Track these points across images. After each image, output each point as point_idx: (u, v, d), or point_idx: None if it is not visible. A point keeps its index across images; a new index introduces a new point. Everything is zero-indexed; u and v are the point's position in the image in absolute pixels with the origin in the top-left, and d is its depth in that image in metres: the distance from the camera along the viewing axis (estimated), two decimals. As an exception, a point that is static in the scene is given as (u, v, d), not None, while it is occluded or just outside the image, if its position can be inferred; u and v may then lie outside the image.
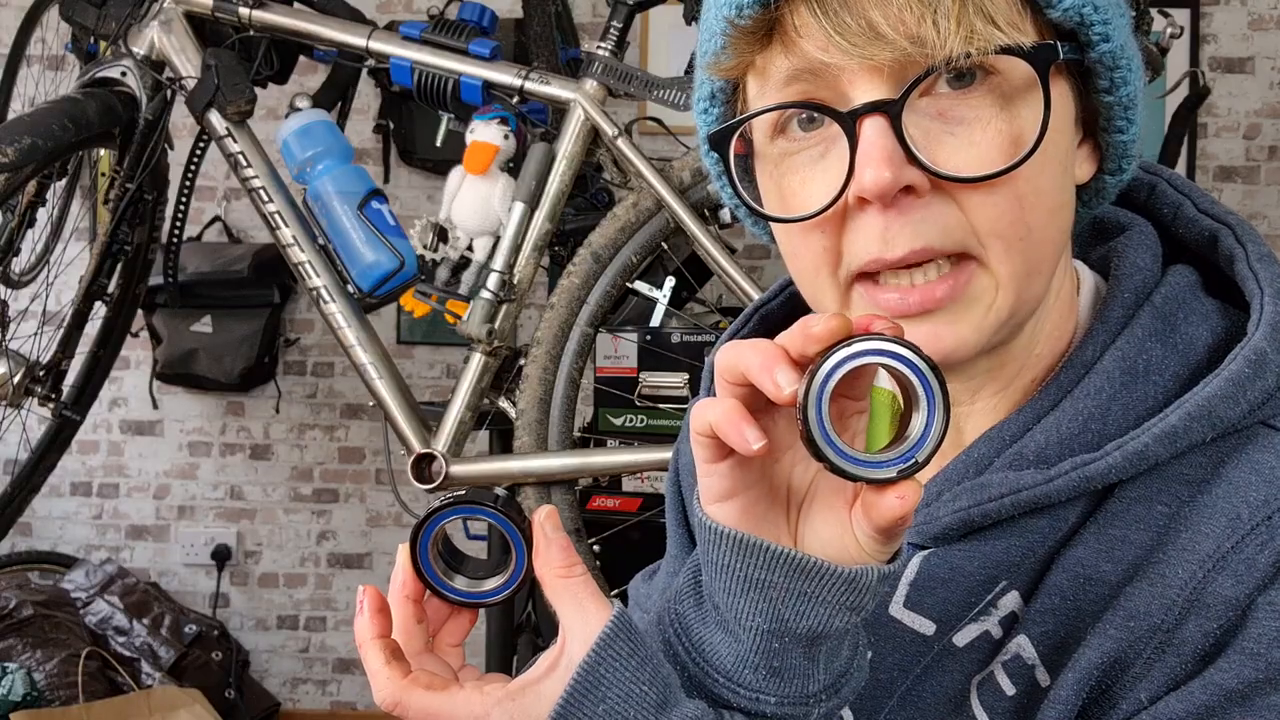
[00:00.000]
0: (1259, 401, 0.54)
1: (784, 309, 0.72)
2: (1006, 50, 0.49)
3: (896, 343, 0.45)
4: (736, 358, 0.47)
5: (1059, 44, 0.51)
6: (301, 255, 1.69)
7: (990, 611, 0.57)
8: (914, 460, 0.45)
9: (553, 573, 0.57)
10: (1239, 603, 0.50)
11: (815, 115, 0.53)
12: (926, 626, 0.58)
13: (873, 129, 0.50)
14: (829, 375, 0.45)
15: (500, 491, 0.63)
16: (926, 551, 0.58)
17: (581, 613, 0.56)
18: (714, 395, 0.50)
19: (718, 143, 0.58)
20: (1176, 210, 0.62)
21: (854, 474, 0.46)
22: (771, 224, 0.58)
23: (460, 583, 0.62)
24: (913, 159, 0.50)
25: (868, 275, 0.54)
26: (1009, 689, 0.55)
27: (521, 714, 0.54)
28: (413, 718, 0.56)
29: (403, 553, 0.61)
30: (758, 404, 0.47)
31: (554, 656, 0.57)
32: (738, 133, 0.57)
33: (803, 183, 0.55)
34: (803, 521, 0.51)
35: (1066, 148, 0.54)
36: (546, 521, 0.58)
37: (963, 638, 0.57)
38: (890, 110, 0.50)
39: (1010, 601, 0.56)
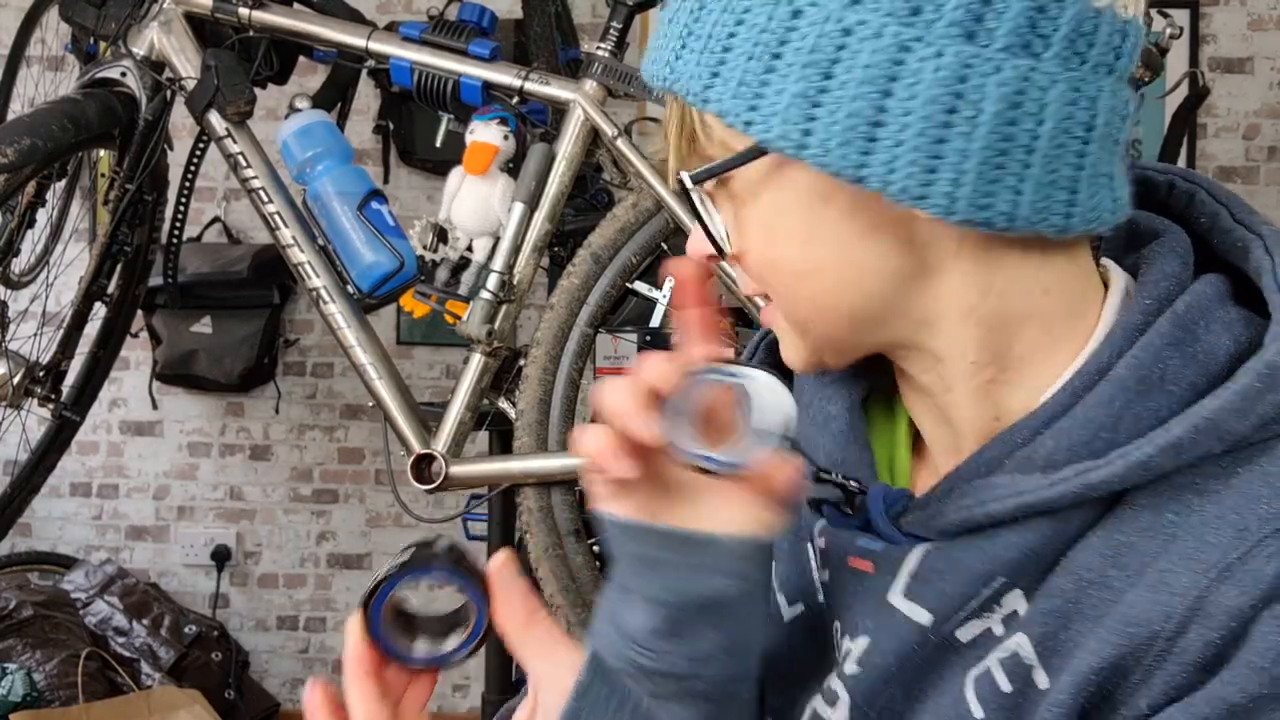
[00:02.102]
0: (1270, 415, 0.53)
1: None
2: (677, 178, 0.60)
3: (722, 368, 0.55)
4: (605, 405, 0.55)
5: (685, 174, 0.59)
6: (301, 256, 1.69)
7: (994, 609, 0.57)
8: (752, 455, 0.54)
9: (516, 623, 0.58)
10: (1242, 613, 0.50)
11: None
12: (923, 616, 0.58)
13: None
14: (678, 408, 0.54)
15: (445, 543, 0.61)
16: (929, 545, 0.59)
17: (551, 660, 0.57)
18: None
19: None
20: (1214, 220, 0.62)
21: (715, 470, 0.55)
22: None
23: (421, 647, 0.60)
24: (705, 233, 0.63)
25: None
26: (1005, 686, 0.55)
27: None
28: None
29: (353, 628, 0.59)
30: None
31: (529, 710, 0.57)
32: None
33: None
34: (697, 503, 0.57)
35: (803, 221, 0.58)
36: (503, 569, 0.59)
37: (966, 633, 0.57)
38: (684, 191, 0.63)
39: (1013, 600, 0.56)
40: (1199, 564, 0.51)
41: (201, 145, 1.86)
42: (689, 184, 0.60)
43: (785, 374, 0.64)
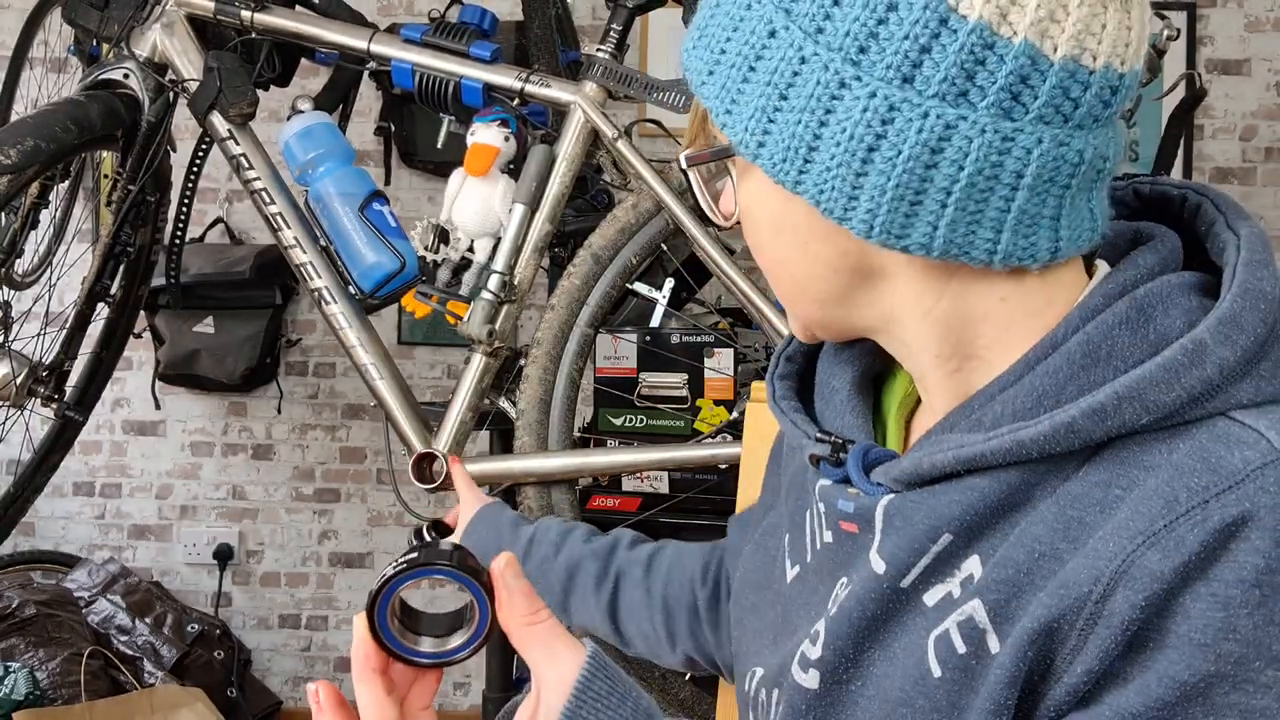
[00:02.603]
0: (1198, 391, 0.55)
1: None
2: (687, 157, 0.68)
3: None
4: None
5: (682, 155, 0.69)
6: (303, 256, 1.70)
7: (953, 573, 0.60)
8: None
9: (518, 622, 0.60)
10: (1165, 577, 0.52)
11: None
12: (880, 566, 0.62)
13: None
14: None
15: (450, 544, 0.63)
16: (889, 498, 0.63)
17: (553, 658, 0.59)
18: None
19: None
20: (1210, 226, 0.64)
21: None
22: None
23: (426, 644, 0.62)
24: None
25: None
26: (960, 647, 0.58)
27: None
28: None
29: (360, 626, 0.61)
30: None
31: (531, 707, 0.59)
32: None
33: None
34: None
35: (774, 214, 0.65)
36: (506, 571, 0.61)
37: (931, 597, 0.61)
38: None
39: (971, 565, 0.59)
40: (1128, 531, 0.53)
41: (204, 146, 1.86)
42: (683, 163, 0.68)
43: (808, 367, 0.77)
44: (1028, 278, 0.62)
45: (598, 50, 1.67)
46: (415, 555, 0.60)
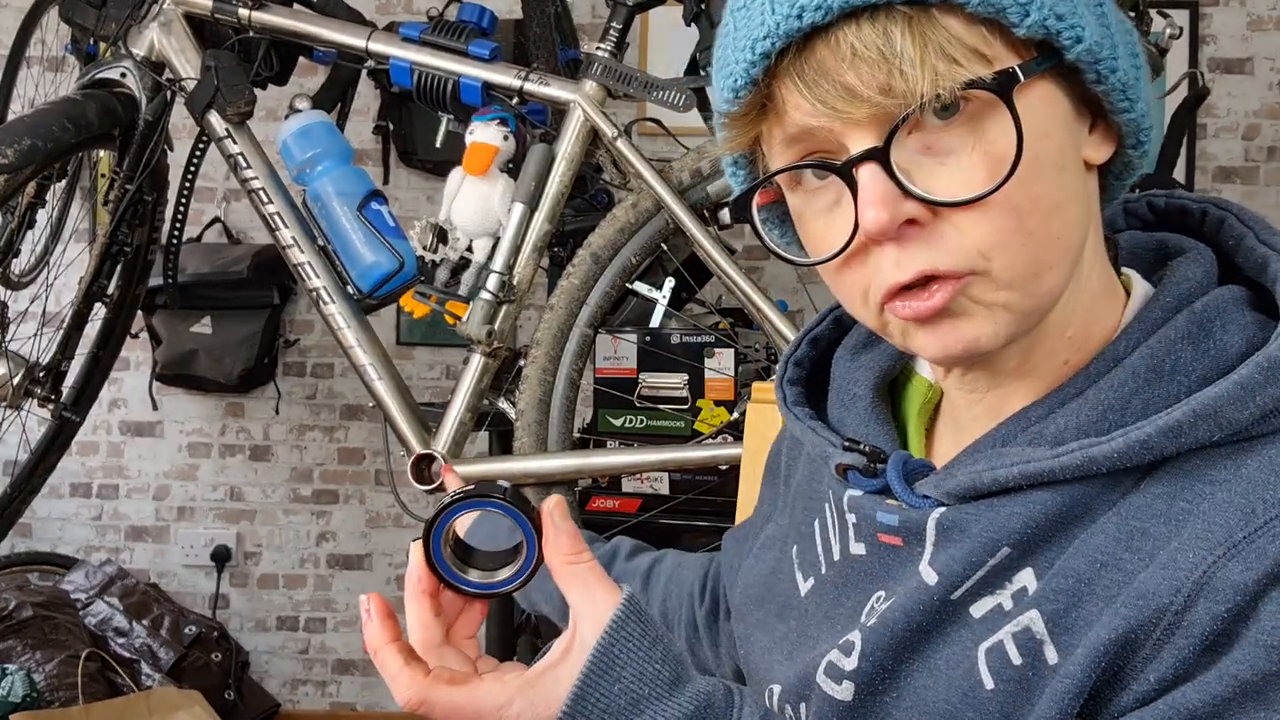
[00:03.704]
0: (1271, 407, 0.56)
1: (832, 333, 0.80)
2: (970, 85, 0.55)
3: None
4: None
5: (1022, 65, 0.56)
6: (301, 256, 1.69)
7: (1004, 585, 0.59)
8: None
9: (562, 559, 0.62)
10: (1248, 588, 0.52)
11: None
12: (931, 578, 0.61)
13: (867, 175, 0.56)
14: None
15: (505, 483, 0.65)
16: (941, 510, 0.62)
17: (590, 597, 0.61)
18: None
19: (744, 202, 0.65)
20: (1239, 241, 0.65)
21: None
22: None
23: (474, 575, 0.65)
24: (907, 194, 0.56)
25: (893, 297, 0.60)
26: (1015, 659, 0.58)
27: (542, 699, 0.59)
28: (439, 714, 0.60)
29: (416, 550, 0.64)
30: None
31: (567, 641, 0.61)
32: (759, 189, 0.65)
33: (825, 227, 0.61)
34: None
35: (1059, 146, 0.58)
36: (555, 510, 0.63)
37: (979, 609, 0.60)
38: (878, 156, 0.56)
39: (1024, 578, 0.59)
40: (1206, 543, 0.53)
41: (201, 146, 1.86)
42: (1021, 72, 0.55)
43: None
44: (1103, 252, 0.64)
45: (597, 49, 1.66)
46: (472, 488, 0.64)
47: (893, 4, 0.54)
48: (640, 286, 1.66)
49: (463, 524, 0.66)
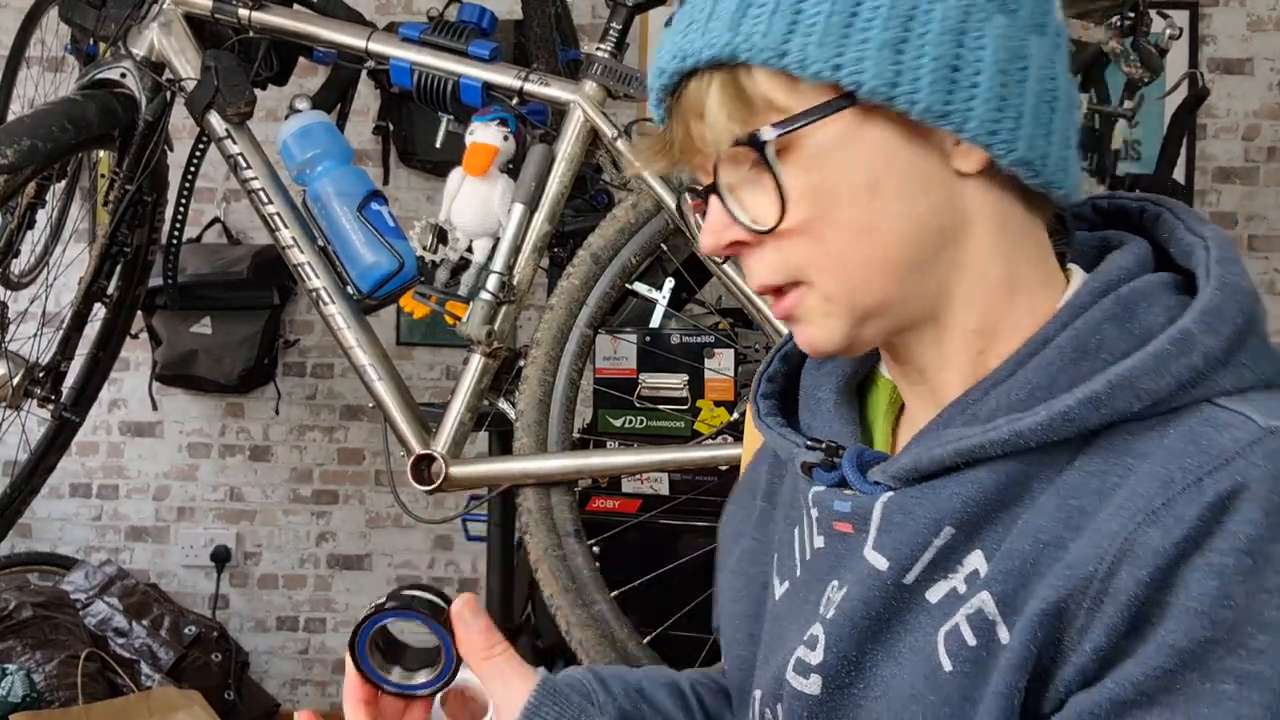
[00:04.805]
0: (1187, 378, 0.58)
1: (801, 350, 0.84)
2: (736, 143, 0.62)
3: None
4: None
5: (783, 121, 0.61)
6: (301, 257, 1.69)
7: (956, 569, 0.62)
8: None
9: (477, 657, 0.67)
10: (1166, 552, 0.54)
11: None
12: (882, 563, 0.63)
13: (711, 203, 0.66)
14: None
15: (422, 595, 0.70)
16: (888, 495, 0.64)
17: (508, 688, 0.66)
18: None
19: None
20: (1171, 232, 0.68)
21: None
22: None
23: (396, 674, 0.70)
24: (736, 220, 0.64)
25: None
26: (970, 640, 0.60)
27: None
28: None
29: (348, 658, 0.69)
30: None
31: None
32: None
33: None
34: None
35: (872, 175, 0.62)
36: (464, 610, 0.68)
37: (935, 594, 0.62)
38: (711, 191, 0.65)
39: (974, 560, 0.61)
40: (1127, 511, 0.56)
41: (201, 146, 1.86)
42: (770, 141, 0.62)
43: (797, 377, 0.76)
44: (1042, 244, 0.67)
45: (597, 49, 1.66)
46: (385, 601, 0.69)
47: (710, 67, 0.62)
48: (640, 287, 1.66)
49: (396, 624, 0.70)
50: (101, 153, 2.23)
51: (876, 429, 0.74)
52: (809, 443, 0.70)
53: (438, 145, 1.85)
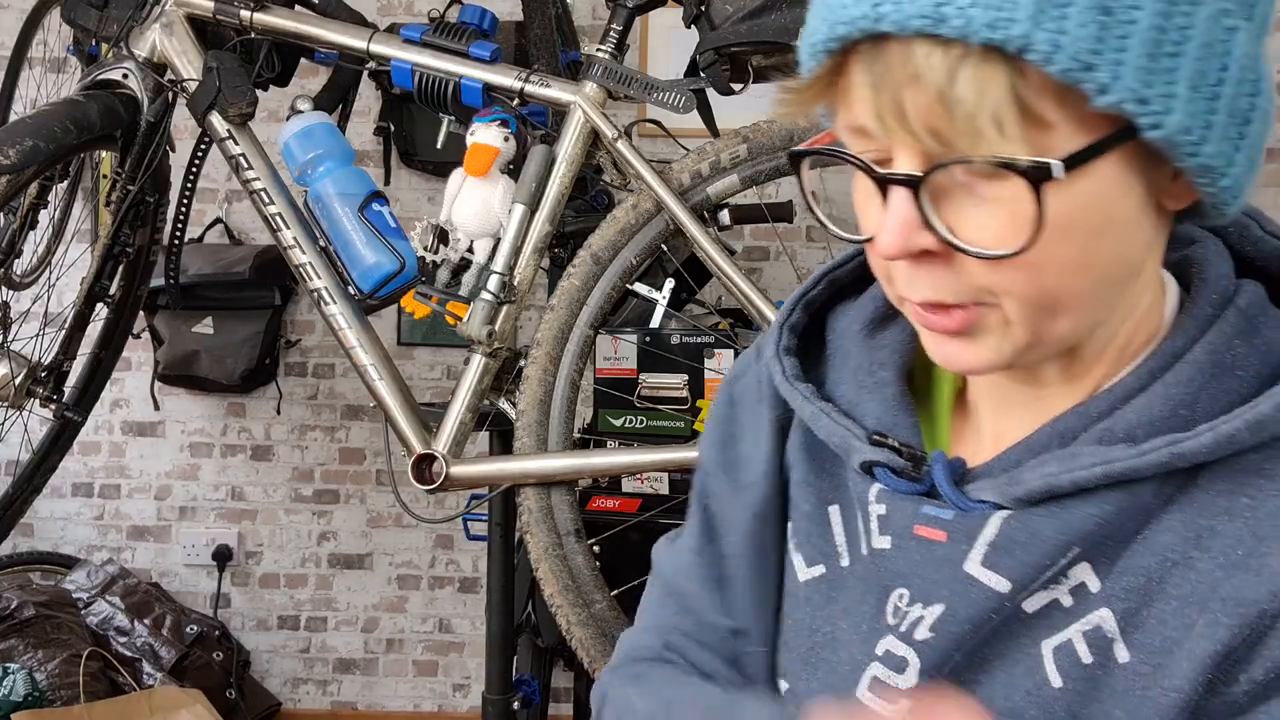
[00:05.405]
0: None
1: (853, 273, 0.75)
2: (1002, 165, 0.52)
3: None
4: None
5: (1070, 157, 0.52)
6: (303, 257, 1.70)
7: (1061, 580, 0.59)
8: None
9: None
10: None
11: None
12: (1002, 585, 0.59)
13: (897, 198, 0.55)
14: None
15: None
16: (1006, 513, 0.60)
17: None
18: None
19: (798, 156, 0.62)
20: (1243, 231, 0.66)
21: None
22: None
23: None
24: (930, 226, 0.55)
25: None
26: (1086, 657, 0.58)
27: None
28: None
29: None
30: None
31: None
32: (809, 156, 0.61)
33: (864, 202, 0.59)
34: None
35: (1106, 215, 0.55)
36: None
37: (1032, 604, 0.59)
38: (912, 184, 0.54)
39: (1081, 572, 0.59)
40: None
41: (203, 147, 1.86)
42: (1059, 172, 0.51)
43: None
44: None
45: (598, 50, 1.66)
46: None
47: (971, 41, 0.50)
48: (640, 287, 1.66)
49: None
50: (104, 153, 2.24)
51: (939, 423, 0.69)
52: (875, 435, 0.65)
53: (439, 146, 1.86)
